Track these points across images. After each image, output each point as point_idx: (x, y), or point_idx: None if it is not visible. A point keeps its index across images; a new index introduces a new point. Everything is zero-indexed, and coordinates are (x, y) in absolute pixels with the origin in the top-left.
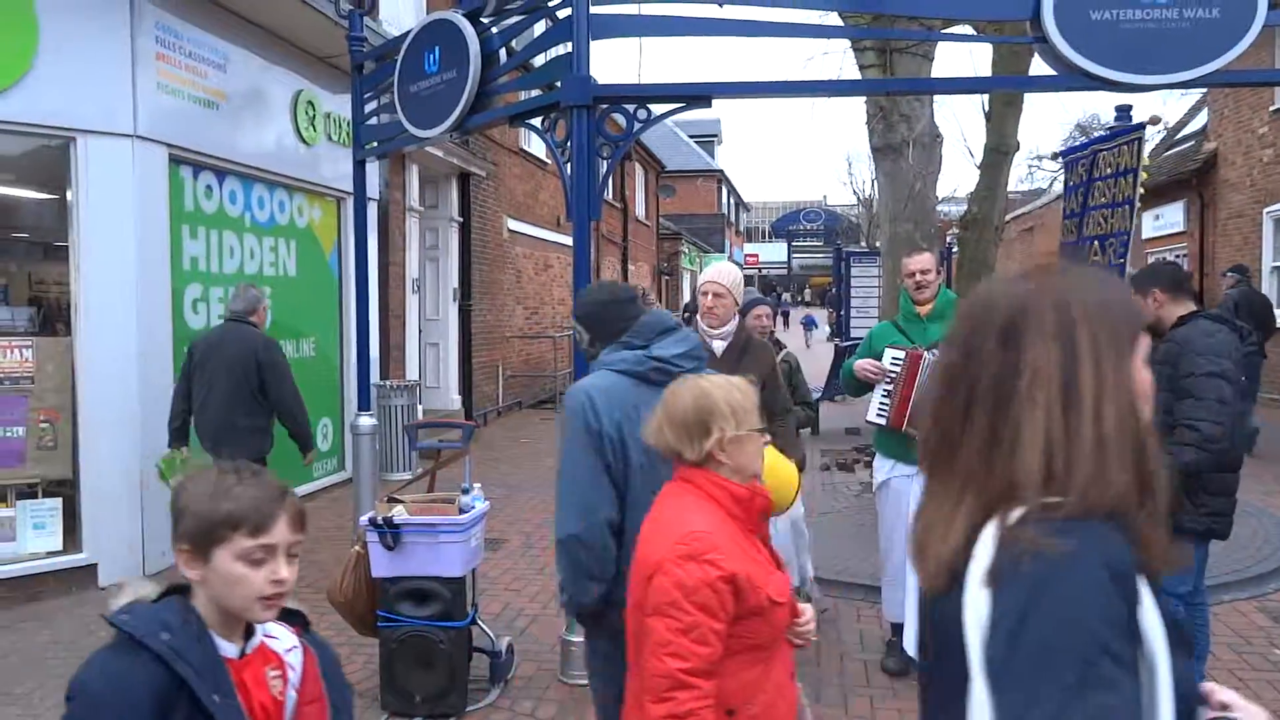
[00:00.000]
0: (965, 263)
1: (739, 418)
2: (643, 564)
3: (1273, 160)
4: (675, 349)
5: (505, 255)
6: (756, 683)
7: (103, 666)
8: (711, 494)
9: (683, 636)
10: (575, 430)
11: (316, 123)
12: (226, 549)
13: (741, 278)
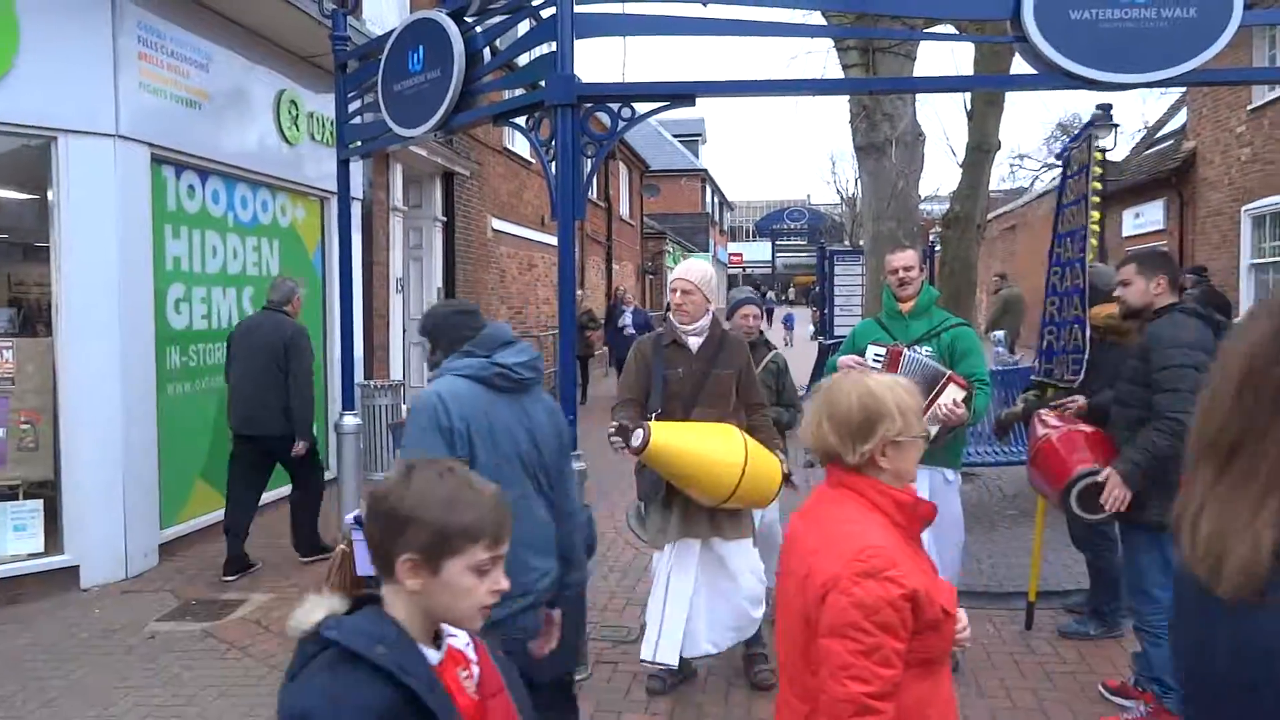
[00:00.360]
0: (948, 261)
1: (906, 420)
2: (812, 578)
3: (1250, 159)
4: (516, 358)
5: (489, 255)
6: (928, 698)
7: (324, 689)
8: (876, 502)
9: (865, 659)
10: (424, 429)
11: (300, 122)
12: (461, 560)
13: (712, 274)
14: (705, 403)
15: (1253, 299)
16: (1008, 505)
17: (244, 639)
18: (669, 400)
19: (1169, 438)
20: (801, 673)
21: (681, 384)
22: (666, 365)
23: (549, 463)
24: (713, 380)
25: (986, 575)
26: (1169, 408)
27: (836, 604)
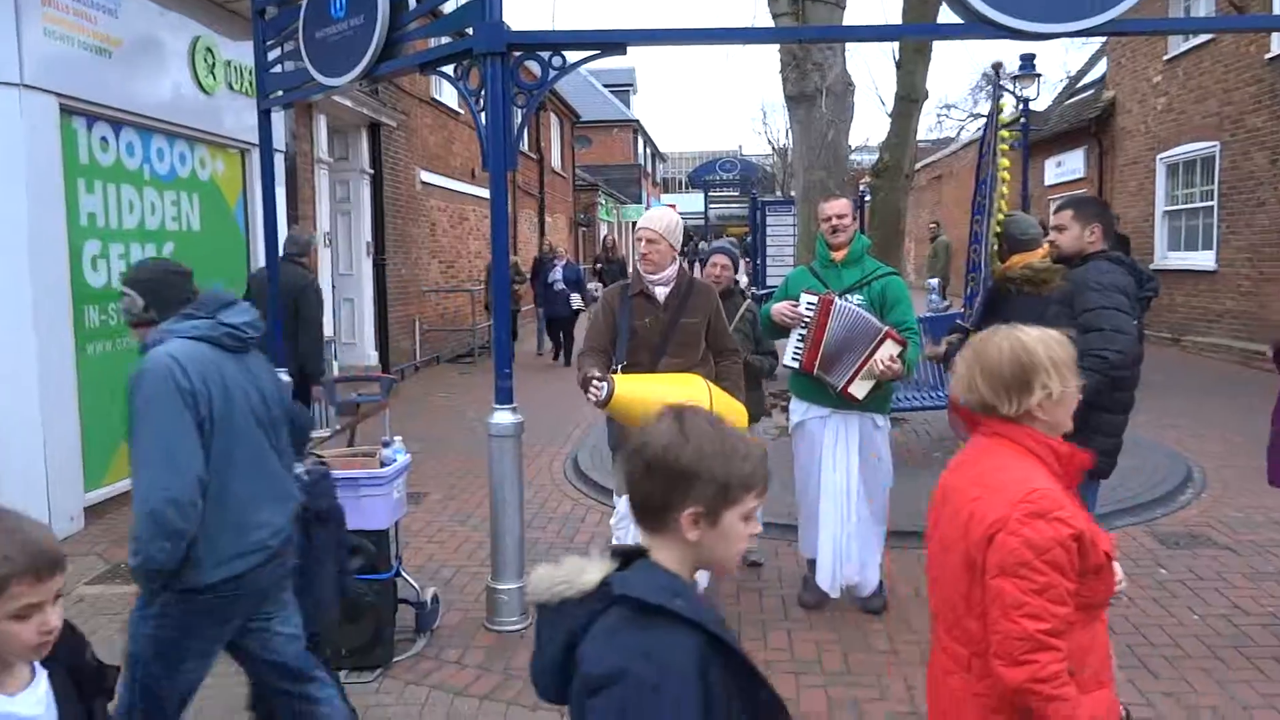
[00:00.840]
0: (878, 210)
1: (1062, 374)
2: (976, 521)
3: (1165, 108)
4: (241, 318)
5: (419, 208)
6: (1089, 644)
7: (637, 646)
8: (1034, 450)
9: (1038, 597)
10: (162, 391)
11: (216, 71)
12: (737, 510)
13: (677, 222)
14: (673, 352)
15: (1166, 244)
16: (934, 448)
17: None
18: (636, 350)
19: (1094, 375)
20: (963, 617)
21: (649, 334)
22: (634, 316)
23: (277, 418)
24: (680, 329)
25: (915, 516)
26: (1093, 346)
27: (1006, 544)
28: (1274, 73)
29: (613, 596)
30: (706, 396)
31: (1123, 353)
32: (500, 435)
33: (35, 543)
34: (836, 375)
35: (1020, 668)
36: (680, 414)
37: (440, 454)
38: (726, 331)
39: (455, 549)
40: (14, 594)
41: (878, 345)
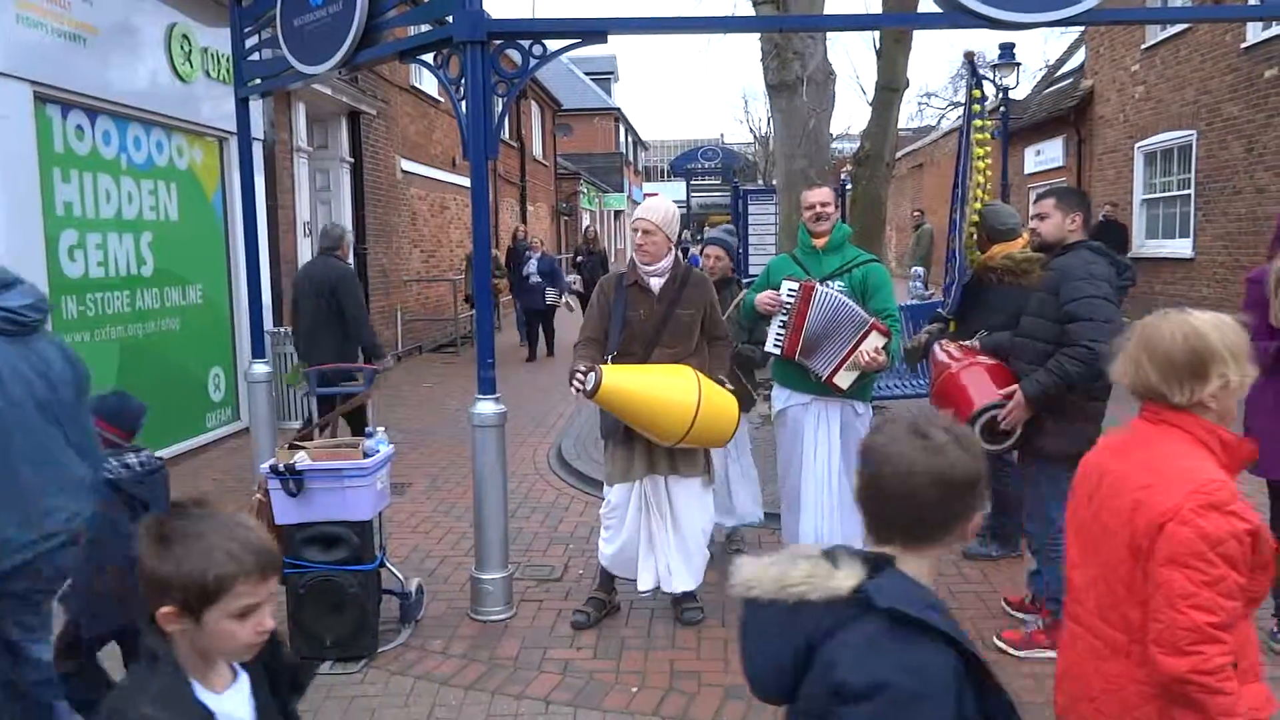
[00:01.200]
0: (859, 199)
1: (1240, 362)
2: (1144, 509)
3: (1144, 97)
4: (21, 300)
5: (400, 197)
6: (1247, 637)
7: (900, 660)
8: (1202, 439)
9: (1209, 589)
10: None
11: (193, 58)
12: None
13: (674, 213)
14: (666, 343)
15: (1144, 232)
16: None
17: None
18: (629, 341)
19: (1080, 364)
20: (1122, 602)
21: (643, 325)
22: (628, 307)
23: (68, 403)
24: (675, 321)
25: None
26: (1083, 336)
27: (1178, 534)
28: (1250, 62)
29: (868, 604)
30: (696, 388)
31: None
32: (483, 425)
33: (261, 544)
34: (817, 361)
35: (1184, 658)
36: (942, 430)
37: (424, 445)
38: (721, 322)
39: (439, 539)
40: (238, 593)
41: (863, 336)
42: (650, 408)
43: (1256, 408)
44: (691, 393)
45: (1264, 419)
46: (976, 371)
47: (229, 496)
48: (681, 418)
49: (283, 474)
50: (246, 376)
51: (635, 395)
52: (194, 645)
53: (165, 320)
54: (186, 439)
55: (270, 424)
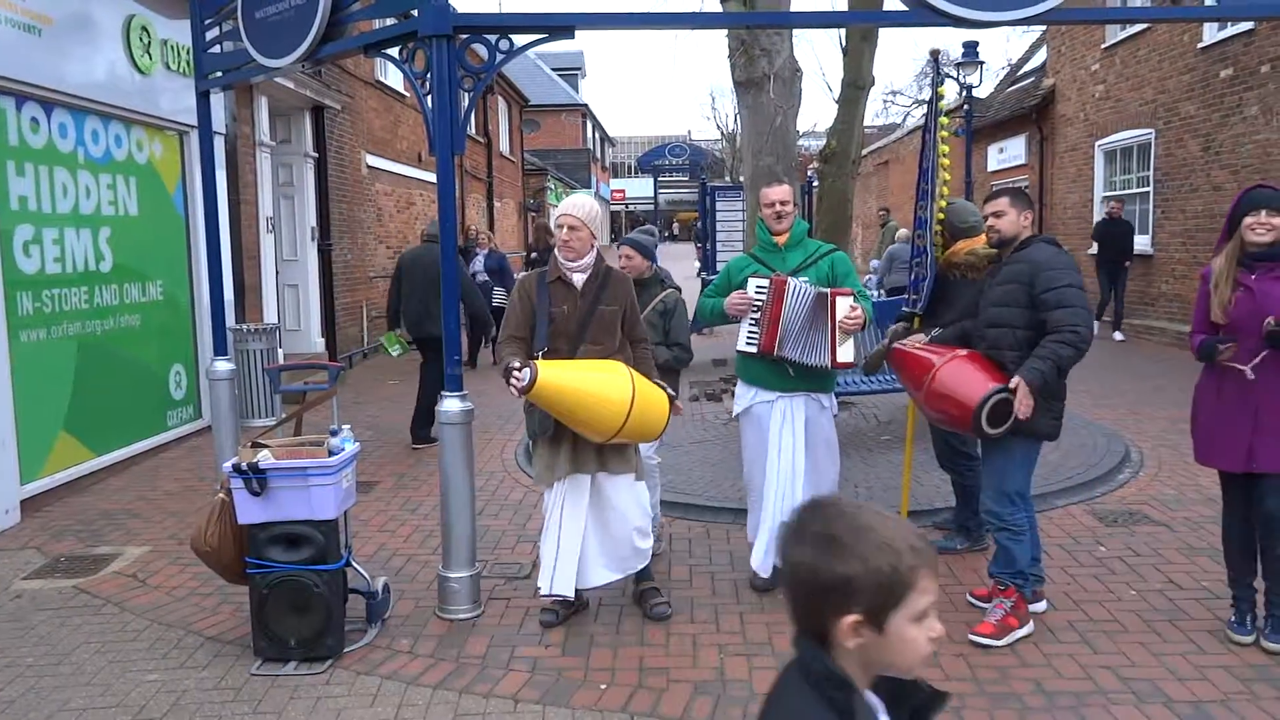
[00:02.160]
0: (825, 195)
1: None
2: None
3: (1103, 96)
4: None
5: (365, 193)
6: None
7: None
8: None
9: None
10: None
11: (153, 50)
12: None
13: (597, 209)
14: (592, 339)
15: None
16: (881, 431)
17: (120, 594)
18: (555, 338)
19: (1071, 349)
20: None
21: (567, 321)
22: (552, 303)
23: None
24: (598, 316)
25: (863, 497)
26: (1067, 321)
27: None
28: (1206, 62)
29: None
30: (629, 383)
31: (1089, 327)
32: (450, 423)
33: (923, 534)
34: (799, 352)
35: None
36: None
37: (390, 442)
38: (640, 321)
39: (406, 538)
40: (922, 589)
41: (832, 306)
42: (585, 403)
43: (1202, 399)
44: (625, 388)
45: (1207, 408)
46: (962, 363)
47: (190, 496)
48: (616, 413)
49: (245, 473)
50: (208, 374)
51: (570, 391)
52: (863, 662)
53: (125, 317)
54: (147, 437)
55: (233, 422)
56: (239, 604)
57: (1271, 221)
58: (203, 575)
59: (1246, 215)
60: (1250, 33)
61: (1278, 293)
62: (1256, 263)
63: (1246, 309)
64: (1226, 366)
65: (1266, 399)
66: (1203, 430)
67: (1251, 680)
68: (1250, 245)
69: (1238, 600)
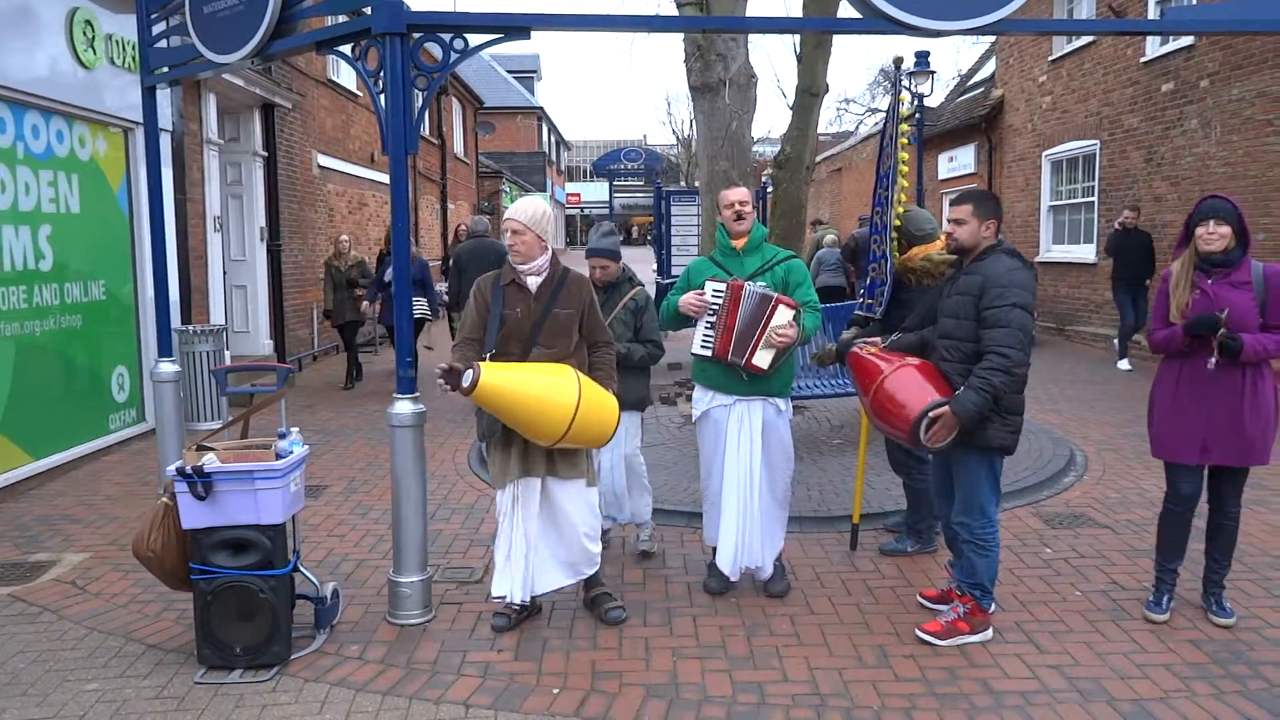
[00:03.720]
0: (779, 201)
1: None
2: None
3: (1050, 107)
4: None
5: (316, 192)
6: None
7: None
8: None
9: None
10: None
11: (97, 45)
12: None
13: (545, 212)
14: (545, 343)
15: (1050, 238)
16: (834, 435)
17: (59, 601)
18: (506, 340)
19: (1002, 374)
20: None
21: (520, 324)
22: (505, 305)
23: None
24: (552, 320)
25: (815, 501)
26: (999, 343)
27: None
28: (1149, 76)
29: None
30: (575, 386)
31: (1023, 351)
32: (402, 425)
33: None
34: (743, 355)
35: None
36: None
37: (341, 446)
38: (601, 324)
39: (356, 542)
40: None
41: (771, 313)
42: (528, 407)
43: (1158, 393)
44: (571, 392)
45: (1164, 404)
46: (910, 373)
47: (133, 501)
48: (560, 417)
49: (190, 476)
50: (153, 376)
51: (513, 393)
52: None
53: (65, 317)
54: (88, 440)
55: (177, 425)
56: (182, 611)
57: (1220, 230)
58: (145, 582)
59: (1198, 225)
60: (1190, 48)
61: (1231, 297)
62: (1213, 268)
63: (1202, 310)
64: (1198, 356)
65: (1221, 397)
66: (1160, 425)
67: (1190, 678)
68: (1202, 252)
69: (1159, 583)
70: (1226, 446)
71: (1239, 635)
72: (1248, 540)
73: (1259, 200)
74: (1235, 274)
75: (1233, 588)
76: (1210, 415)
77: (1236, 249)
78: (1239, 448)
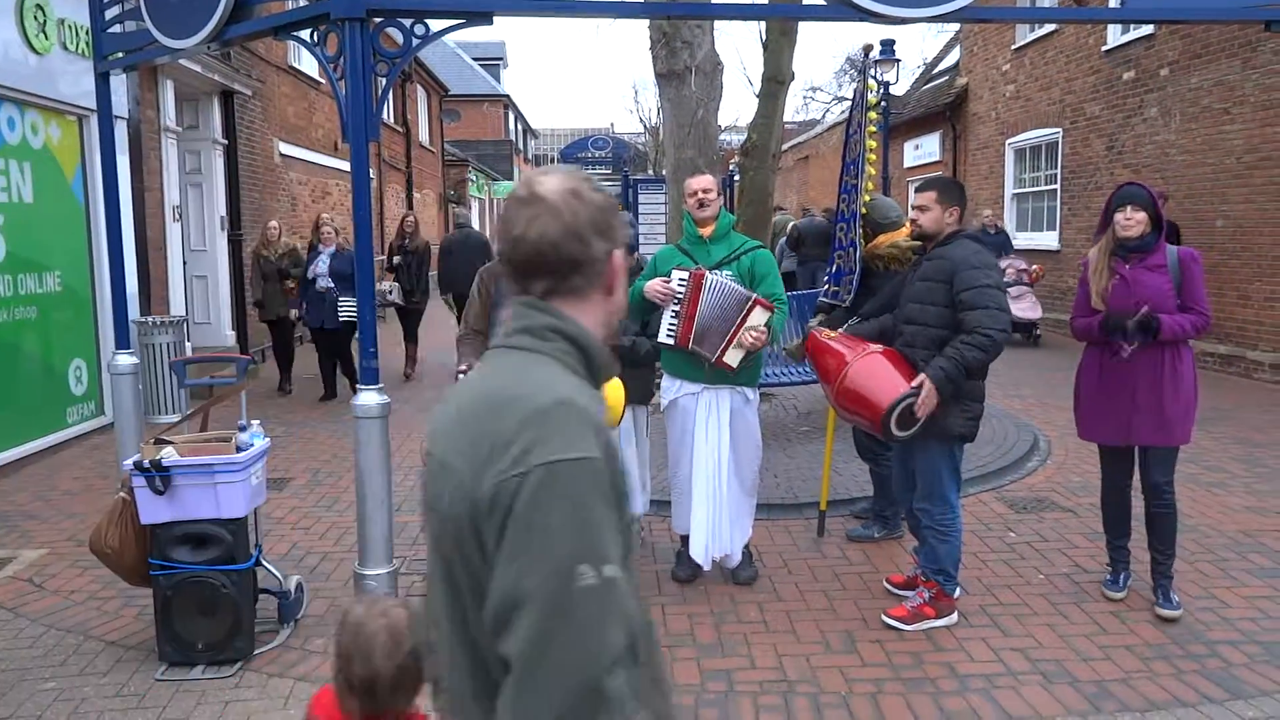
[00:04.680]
0: (746, 189)
1: None
2: None
3: (1014, 95)
4: None
5: (278, 181)
6: None
7: None
8: None
9: None
10: None
11: (49, 29)
12: None
13: None
14: None
15: (1014, 225)
16: (802, 422)
17: (14, 599)
18: None
19: (980, 352)
20: None
21: None
22: (507, 296)
23: None
24: None
25: (783, 488)
26: (980, 323)
27: None
28: (1110, 64)
29: None
30: None
31: (1004, 330)
32: (367, 417)
33: None
34: (710, 348)
35: None
36: None
37: (305, 438)
38: None
39: (321, 535)
40: None
41: (746, 314)
42: None
43: (1083, 377)
44: None
45: (1089, 387)
46: (876, 360)
47: (91, 496)
48: None
49: (148, 470)
50: (110, 368)
51: None
52: None
53: (20, 309)
54: (44, 435)
55: (136, 418)
56: (142, 607)
57: (1136, 216)
58: (103, 578)
59: (1116, 211)
60: (1151, 37)
61: (1148, 281)
62: (1130, 253)
63: (1122, 295)
64: (1106, 347)
65: (1143, 378)
66: (1085, 408)
67: (1150, 659)
68: (1119, 238)
69: (1114, 561)
70: (1149, 426)
71: (1197, 616)
72: (1205, 522)
73: (1217, 187)
74: (1151, 258)
75: (1190, 569)
76: (1133, 396)
77: (1151, 234)
78: (1160, 426)
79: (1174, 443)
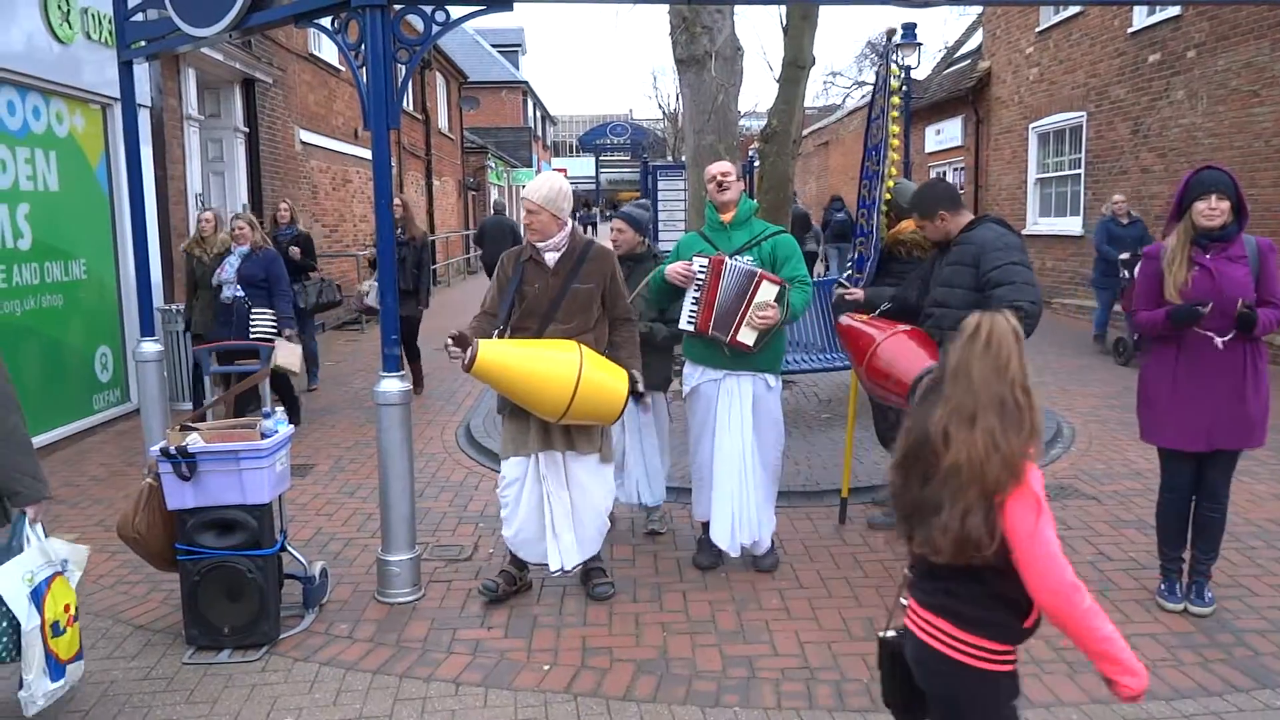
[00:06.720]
0: (766, 175)
1: None
2: None
3: (1037, 79)
4: None
5: (299, 169)
6: None
7: None
8: None
9: None
10: None
11: (72, 19)
12: None
13: (559, 189)
14: (563, 319)
15: (1037, 210)
16: (823, 410)
17: None
18: (525, 316)
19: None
20: None
21: (538, 299)
22: (524, 281)
23: None
24: (570, 295)
25: (804, 475)
26: (1009, 298)
27: None
28: (1135, 46)
29: None
30: (576, 362)
31: (1035, 303)
32: (388, 404)
33: None
34: (723, 328)
35: None
36: None
37: (327, 425)
38: (623, 297)
39: (344, 521)
40: None
41: (755, 288)
42: (528, 383)
43: (1154, 380)
44: (571, 367)
45: (1165, 391)
46: (901, 340)
47: (118, 482)
48: (559, 394)
49: (174, 457)
50: (135, 355)
51: (512, 370)
52: None
53: (46, 297)
54: (72, 421)
55: (161, 405)
56: (169, 592)
57: (1220, 206)
58: (131, 563)
59: (1197, 200)
60: (1177, 19)
61: (1234, 273)
62: (1210, 243)
63: (1204, 288)
64: (1196, 338)
65: (1225, 378)
66: (1158, 410)
67: (1176, 648)
68: (1201, 228)
69: (1167, 571)
70: (1231, 429)
71: (1224, 604)
72: (1232, 509)
73: (1245, 171)
74: (1232, 248)
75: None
76: (1215, 399)
77: (1234, 223)
78: (1243, 429)
79: (1254, 444)
